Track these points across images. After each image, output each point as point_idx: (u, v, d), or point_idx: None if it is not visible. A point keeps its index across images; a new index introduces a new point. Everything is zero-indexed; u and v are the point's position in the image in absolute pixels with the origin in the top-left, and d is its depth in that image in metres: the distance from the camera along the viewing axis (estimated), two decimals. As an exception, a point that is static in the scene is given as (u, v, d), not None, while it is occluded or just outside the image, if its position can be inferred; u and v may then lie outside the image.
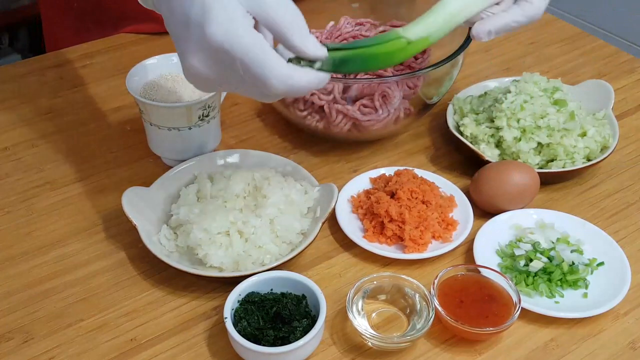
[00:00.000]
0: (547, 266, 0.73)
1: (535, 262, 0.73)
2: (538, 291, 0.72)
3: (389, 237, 0.77)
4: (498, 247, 0.77)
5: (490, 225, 0.78)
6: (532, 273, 0.73)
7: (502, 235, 0.78)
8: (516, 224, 0.79)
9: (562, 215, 0.80)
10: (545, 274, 0.73)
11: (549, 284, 0.73)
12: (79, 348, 0.68)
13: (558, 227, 0.78)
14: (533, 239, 0.76)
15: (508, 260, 0.75)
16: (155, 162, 0.89)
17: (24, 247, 0.78)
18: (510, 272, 0.74)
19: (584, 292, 0.73)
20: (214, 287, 0.74)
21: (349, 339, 0.69)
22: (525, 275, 0.73)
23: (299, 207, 0.77)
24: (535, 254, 0.74)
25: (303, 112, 0.87)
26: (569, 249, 0.75)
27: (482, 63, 1.07)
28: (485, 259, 0.75)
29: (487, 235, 0.78)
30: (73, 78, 1.03)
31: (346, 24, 0.94)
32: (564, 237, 0.77)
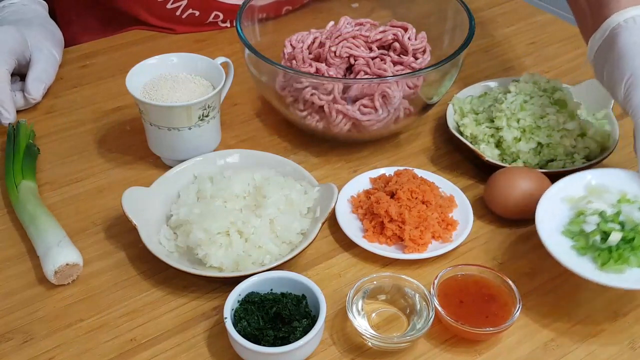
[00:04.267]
0: (627, 234, 0.68)
1: (614, 234, 0.67)
2: (630, 264, 0.66)
3: (389, 237, 0.77)
4: (562, 227, 0.71)
5: (543, 207, 0.72)
6: (613, 247, 0.67)
7: (558, 213, 0.72)
8: (567, 196, 0.73)
9: (609, 171, 0.74)
10: (626, 242, 0.68)
11: (635, 252, 0.67)
12: (79, 348, 0.68)
13: (612, 186, 0.72)
14: (596, 209, 0.70)
15: (581, 239, 0.69)
16: (155, 162, 0.89)
17: (24, 247, 0.78)
18: (591, 252, 0.68)
19: None
20: (213, 287, 0.74)
21: (348, 339, 0.69)
22: (608, 252, 0.67)
23: (298, 207, 0.77)
24: (606, 224, 0.68)
25: (303, 112, 0.87)
26: (635, 207, 0.70)
27: (482, 63, 1.07)
28: (557, 246, 0.68)
29: (544, 218, 0.71)
30: (73, 78, 1.03)
31: (346, 24, 0.94)
32: (623, 196, 0.71)
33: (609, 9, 0.77)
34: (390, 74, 0.88)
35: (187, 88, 0.85)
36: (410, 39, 0.92)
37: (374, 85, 0.84)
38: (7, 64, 0.91)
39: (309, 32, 0.95)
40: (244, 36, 0.86)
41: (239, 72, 0.93)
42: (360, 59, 0.90)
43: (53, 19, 1.06)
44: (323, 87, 0.84)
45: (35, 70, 0.95)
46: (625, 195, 0.72)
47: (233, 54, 0.95)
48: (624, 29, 0.75)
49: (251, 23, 0.93)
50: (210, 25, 1.13)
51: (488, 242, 0.79)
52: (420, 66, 0.91)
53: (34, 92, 0.94)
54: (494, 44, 1.12)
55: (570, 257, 0.69)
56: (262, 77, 0.89)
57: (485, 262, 0.76)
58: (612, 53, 0.75)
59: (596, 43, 0.79)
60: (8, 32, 0.94)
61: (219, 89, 0.84)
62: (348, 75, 0.91)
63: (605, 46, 0.77)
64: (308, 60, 0.91)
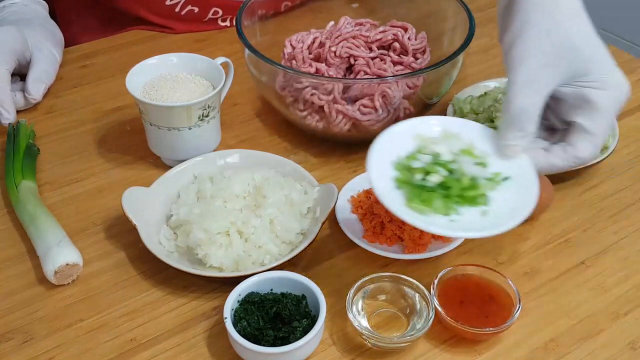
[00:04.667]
0: (446, 180, 0.66)
1: (433, 175, 0.66)
2: (432, 207, 0.65)
3: (389, 237, 0.77)
4: (397, 159, 0.69)
5: (389, 135, 0.70)
6: (428, 188, 0.66)
7: (402, 146, 0.70)
8: (419, 134, 0.71)
9: (472, 124, 0.72)
10: (443, 189, 0.66)
11: (445, 200, 0.66)
12: (79, 348, 0.68)
13: (466, 137, 0.71)
14: (434, 150, 0.69)
15: (405, 173, 0.67)
16: (155, 162, 0.89)
17: (24, 247, 0.78)
18: (406, 186, 0.66)
19: (483, 210, 0.66)
20: (213, 287, 0.74)
21: (348, 339, 0.69)
22: (421, 190, 0.66)
23: (298, 207, 0.77)
24: (434, 166, 0.67)
25: (303, 112, 0.87)
26: (472, 161, 0.68)
27: (482, 63, 1.07)
28: (380, 172, 0.67)
29: (386, 145, 0.69)
30: (73, 78, 1.03)
31: (346, 24, 0.94)
32: (469, 148, 0.69)
33: None
34: (390, 74, 0.88)
35: (187, 88, 0.85)
36: (410, 39, 0.92)
37: (374, 85, 0.84)
38: (8, 64, 0.91)
39: (309, 32, 0.95)
40: (244, 36, 0.86)
41: (239, 72, 0.93)
42: (360, 59, 0.90)
43: (53, 19, 1.06)
44: (323, 87, 0.84)
45: (35, 71, 0.95)
46: (472, 149, 0.70)
47: (233, 54, 0.95)
48: None
49: (251, 23, 0.93)
50: (210, 23, 1.13)
51: (488, 242, 0.79)
52: (420, 66, 0.91)
53: (34, 92, 0.94)
54: (494, 44, 1.12)
55: (386, 184, 0.67)
56: (262, 77, 0.89)
57: (485, 262, 0.76)
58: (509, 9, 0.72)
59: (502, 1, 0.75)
60: (8, 32, 0.94)
61: (219, 89, 0.84)
62: (348, 75, 0.91)
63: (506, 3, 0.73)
64: (308, 60, 0.91)
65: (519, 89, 0.66)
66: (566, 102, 0.68)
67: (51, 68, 0.98)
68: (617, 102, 0.68)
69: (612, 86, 0.67)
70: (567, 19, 0.68)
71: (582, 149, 0.67)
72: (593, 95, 0.67)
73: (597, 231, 0.80)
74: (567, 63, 0.67)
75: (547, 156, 0.68)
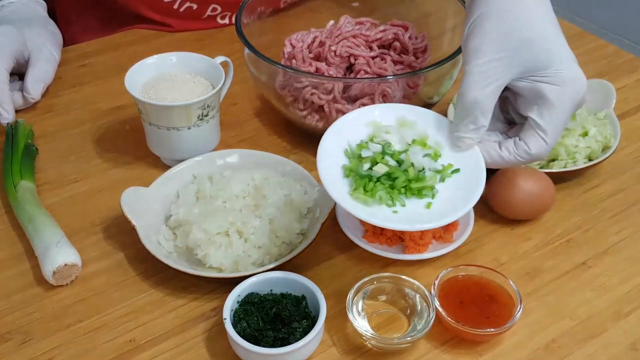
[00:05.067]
0: (393, 170, 0.66)
1: (379, 165, 0.65)
2: (376, 198, 0.64)
3: (389, 237, 0.76)
4: (347, 146, 0.68)
5: (343, 122, 0.69)
6: (374, 178, 0.65)
7: (355, 133, 0.69)
8: (374, 121, 0.70)
9: (429, 113, 0.71)
10: (390, 179, 0.66)
11: (390, 191, 0.65)
12: (78, 349, 0.68)
13: (421, 126, 0.70)
14: (385, 139, 0.68)
15: (353, 162, 0.67)
16: (155, 162, 0.88)
17: (23, 247, 0.78)
18: (353, 175, 0.66)
19: (428, 202, 0.65)
20: (213, 288, 0.73)
21: (349, 340, 0.69)
22: (367, 180, 0.65)
23: (298, 207, 0.77)
24: (382, 156, 0.66)
25: (303, 112, 0.87)
26: (423, 152, 0.68)
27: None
28: (329, 159, 0.66)
29: (340, 131, 0.68)
30: (72, 77, 1.03)
31: (346, 23, 0.94)
32: (422, 139, 0.69)
33: None
34: (390, 73, 0.88)
35: (187, 87, 0.85)
36: (411, 38, 0.91)
37: (374, 85, 0.84)
38: (6, 64, 0.91)
39: (309, 31, 0.95)
40: (243, 35, 0.86)
41: (238, 72, 0.93)
42: (361, 58, 0.90)
43: (53, 19, 1.06)
44: (323, 87, 0.84)
45: (34, 70, 0.95)
46: (425, 139, 0.70)
47: (232, 53, 0.95)
48: None
49: (251, 22, 0.92)
50: (208, 20, 1.13)
51: (489, 242, 0.79)
52: (420, 65, 0.90)
53: (33, 92, 0.94)
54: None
55: (332, 173, 0.66)
56: (261, 76, 0.88)
57: (486, 263, 0.76)
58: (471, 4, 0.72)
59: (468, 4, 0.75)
60: (7, 31, 0.94)
61: (219, 89, 0.83)
62: (348, 75, 0.91)
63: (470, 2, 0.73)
64: (308, 59, 0.90)
65: (472, 81, 0.66)
66: (523, 96, 0.68)
67: (50, 67, 0.98)
68: (572, 99, 0.67)
69: (567, 82, 0.66)
70: (526, 11, 0.67)
71: (533, 145, 0.67)
72: (547, 91, 0.66)
73: (598, 231, 0.80)
74: (522, 57, 0.66)
75: (498, 150, 0.68)
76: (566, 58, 0.67)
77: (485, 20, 0.67)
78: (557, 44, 0.67)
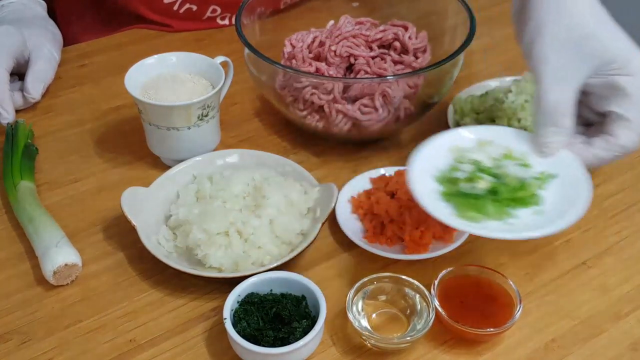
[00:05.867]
0: (494, 185, 0.67)
1: (479, 182, 0.67)
2: (485, 214, 0.65)
3: (389, 237, 0.76)
4: (437, 172, 0.70)
5: (425, 151, 0.71)
6: (477, 195, 0.67)
7: (439, 160, 0.71)
8: (454, 146, 0.72)
9: (504, 129, 0.74)
10: (492, 194, 0.67)
11: (497, 205, 0.66)
12: (78, 349, 0.68)
13: (500, 142, 0.72)
14: (473, 158, 0.70)
15: (449, 186, 0.68)
16: (155, 162, 0.88)
17: (23, 247, 0.78)
18: (454, 199, 0.67)
19: (537, 209, 0.66)
20: (213, 288, 0.73)
21: (348, 340, 0.69)
22: (470, 199, 0.66)
23: (298, 207, 0.77)
24: (478, 174, 0.68)
25: (303, 112, 0.87)
26: (514, 163, 0.69)
27: (482, 63, 1.07)
28: (423, 188, 0.67)
29: (423, 161, 0.70)
30: (72, 77, 1.03)
31: (346, 23, 0.94)
32: (507, 152, 0.71)
33: None
34: (390, 73, 0.88)
35: (187, 87, 0.85)
36: (411, 38, 0.91)
37: (374, 85, 0.84)
38: (6, 64, 0.91)
39: (309, 31, 0.95)
40: (243, 35, 0.86)
41: (238, 72, 0.93)
42: (361, 58, 0.90)
43: (52, 19, 1.06)
44: (323, 87, 0.84)
45: (34, 70, 0.95)
46: (510, 152, 0.71)
47: (232, 53, 0.95)
48: None
49: (251, 22, 0.92)
50: (209, 20, 1.13)
51: (488, 242, 0.79)
52: (420, 65, 0.90)
53: (33, 92, 0.94)
54: (495, 43, 1.12)
55: (435, 202, 0.67)
56: (261, 76, 0.88)
57: (486, 263, 0.76)
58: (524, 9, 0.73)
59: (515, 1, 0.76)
60: (7, 32, 0.94)
61: (219, 89, 0.83)
62: (348, 75, 0.91)
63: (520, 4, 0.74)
64: (308, 59, 0.90)
65: (548, 85, 0.67)
66: (596, 93, 0.69)
67: (50, 67, 0.98)
68: None
69: (637, 71, 0.67)
70: (583, 11, 0.68)
71: (624, 137, 0.68)
72: (623, 83, 0.67)
73: (598, 231, 0.80)
74: (590, 54, 0.67)
75: (589, 149, 0.69)
76: (630, 48, 0.68)
77: (547, 25, 0.68)
78: (620, 37, 0.68)
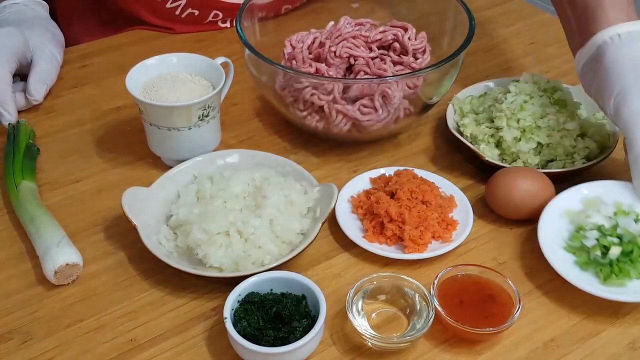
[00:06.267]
0: (624, 246, 0.70)
1: (613, 248, 0.69)
2: (631, 277, 0.68)
3: (389, 237, 0.77)
4: (563, 242, 0.73)
5: (544, 224, 0.74)
6: (613, 261, 0.69)
7: (559, 229, 0.74)
8: (566, 210, 0.75)
9: (605, 183, 0.77)
10: (625, 255, 0.70)
11: (634, 265, 0.69)
12: (78, 349, 0.68)
13: (607, 198, 0.75)
14: (595, 223, 0.72)
15: (582, 254, 0.71)
16: (155, 162, 0.89)
17: (24, 247, 0.78)
18: (592, 267, 0.70)
19: None
20: (213, 288, 0.74)
21: (348, 339, 0.69)
22: (609, 266, 0.69)
23: (298, 207, 0.77)
24: (605, 238, 0.70)
25: (303, 112, 0.87)
26: (631, 219, 0.72)
27: (482, 63, 1.07)
28: (562, 262, 0.70)
29: (547, 234, 0.73)
30: (73, 78, 1.03)
31: (346, 24, 0.94)
32: (619, 208, 0.74)
33: (596, 26, 0.79)
34: (390, 74, 0.88)
35: (187, 88, 0.85)
36: (410, 39, 0.91)
37: (374, 86, 0.84)
38: (9, 66, 0.92)
39: (309, 32, 0.95)
40: (243, 36, 0.86)
41: (238, 72, 0.93)
42: (360, 59, 0.90)
43: (53, 19, 1.06)
44: (323, 87, 0.84)
45: (37, 72, 0.95)
46: (621, 206, 0.74)
47: (233, 54, 0.95)
48: (611, 46, 0.77)
49: (251, 23, 0.93)
50: (210, 24, 1.13)
51: (488, 242, 0.79)
52: (420, 66, 0.90)
53: (36, 94, 0.94)
54: (494, 44, 1.12)
55: (574, 273, 0.70)
56: (262, 77, 0.89)
57: (485, 262, 0.76)
58: (599, 69, 0.77)
59: (583, 57, 0.81)
60: (9, 33, 0.94)
61: (219, 89, 0.83)
62: (348, 76, 0.91)
63: (593, 62, 0.79)
64: (308, 60, 0.91)
65: None
66: None
67: (52, 69, 0.98)
68: None
69: None
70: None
71: None
72: None
73: (597, 231, 0.80)
74: None
75: None
76: None
77: (632, 88, 0.74)
78: None
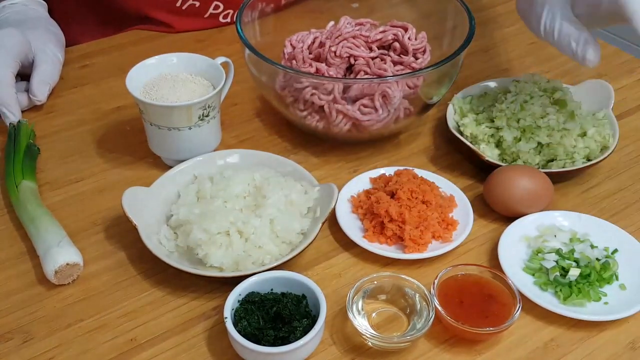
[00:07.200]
0: (583, 269, 0.72)
1: (572, 270, 0.72)
2: (590, 298, 0.71)
3: (389, 237, 0.77)
4: (523, 264, 0.75)
5: (504, 245, 0.75)
6: (572, 282, 0.72)
7: (519, 251, 0.76)
8: (524, 235, 0.77)
9: (558, 213, 0.79)
10: (583, 278, 0.72)
11: (592, 287, 0.72)
12: (79, 348, 0.68)
13: (563, 225, 0.78)
14: (553, 247, 0.75)
15: (542, 275, 0.73)
16: (155, 162, 0.89)
17: (24, 247, 0.78)
18: (551, 287, 0.72)
19: (619, 284, 0.72)
20: (213, 287, 0.74)
21: (349, 339, 0.69)
22: (568, 287, 0.71)
23: (299, 207, 0.77)
24: (564, 260, 0.73)
25: (303, 112, 0.87)
26: (586, 245, 0.75)
27: (482, 63, 1.07)
28: (522, 283, 0.72)
29: (508, 255, 0.75)
30: (73, 78, 1.03)
31: (346, 24, 0.94)
32: (573, 235, 0.77)
33: None
34: (390, 74, 0.88)
35: (187, 88, 0.85)
36: (411, 39, 0.92)
37: (374, 85, 0.84)
38: (12, 67, 0.92)
39: (309, 32, 0.95)
40: (244, 36, 0.86)
41: (239, 72, 0.93)
42: (361, 58, 0.90)
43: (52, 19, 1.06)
44: (323, 87, 0.84)
45: (39, 72, 0.96)
46: (576, 234, 0.76)
47: (233, 54, 0.95)
48: None
49: (251, 22, 0.93)
50: (210, 18, 1.13)
51: (488, 241, 0.79)
52: (420, 66, 0.91)
53: (39, 94, 0.95)
54: (494, 44, 1.12)
55: (534, 292, 0.72)
56: (262, 77, 0.89)
57: (486, 262, 0.76)
58: None
59: None
60: (11, 34, 0.94)
61: (219, 89, 0.84)
62: (348, 75, 0.91)
63: None
64: (308, 60, 0.91)
65: None
66: None
67: (54, 69, 0.98)
68: None
69: None
70: None
71: None
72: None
73: (597, 231, 0.80)
74: None
75: None
76: None
77: None
78: None
